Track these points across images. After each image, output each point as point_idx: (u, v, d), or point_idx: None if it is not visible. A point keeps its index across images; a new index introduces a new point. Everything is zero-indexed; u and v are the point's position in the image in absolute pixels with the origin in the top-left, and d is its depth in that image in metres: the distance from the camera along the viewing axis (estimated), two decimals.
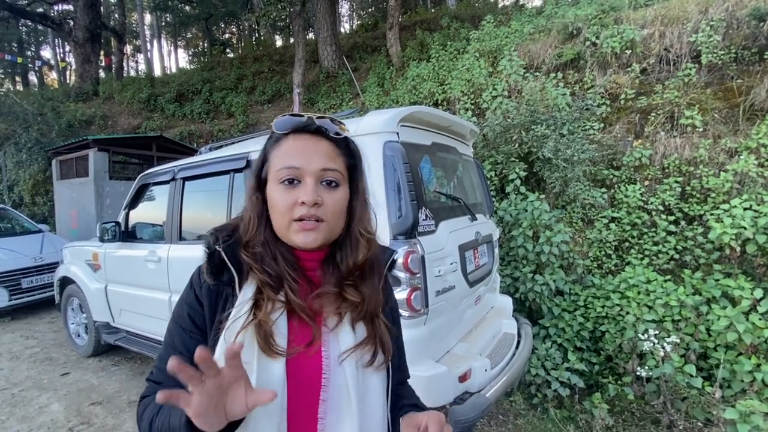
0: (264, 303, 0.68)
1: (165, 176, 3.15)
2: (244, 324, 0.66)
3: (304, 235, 0.69)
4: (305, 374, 0.69)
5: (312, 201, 0.67)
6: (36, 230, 6.14)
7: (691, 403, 2.45)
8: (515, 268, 3.42)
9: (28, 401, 3.17)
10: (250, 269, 0.71)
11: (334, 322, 0.72)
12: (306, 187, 0.68)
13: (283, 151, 0.71)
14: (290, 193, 0.69)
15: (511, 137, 4.26)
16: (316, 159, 0.70)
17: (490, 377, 2.14)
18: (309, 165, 0.69)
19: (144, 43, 23.14)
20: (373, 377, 0.73)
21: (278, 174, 0.70)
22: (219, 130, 10.24)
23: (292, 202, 0.68)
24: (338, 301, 0.73)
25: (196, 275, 0.74)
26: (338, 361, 0.70)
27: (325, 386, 0.69)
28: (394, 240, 1.89)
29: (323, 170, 0.70)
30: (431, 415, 0.68)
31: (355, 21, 23.93)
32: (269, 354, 0.66)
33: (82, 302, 3.88)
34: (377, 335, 0.74)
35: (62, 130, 10.22)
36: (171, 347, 0.72)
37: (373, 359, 0.72)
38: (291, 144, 0.72)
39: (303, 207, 0.68)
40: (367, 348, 0.72)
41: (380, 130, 1.98)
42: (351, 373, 0.69)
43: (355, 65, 10.43)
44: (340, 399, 0.69)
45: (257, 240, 0.72)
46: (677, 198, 3.87)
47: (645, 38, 5.01)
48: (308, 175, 0.69)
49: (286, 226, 0.70)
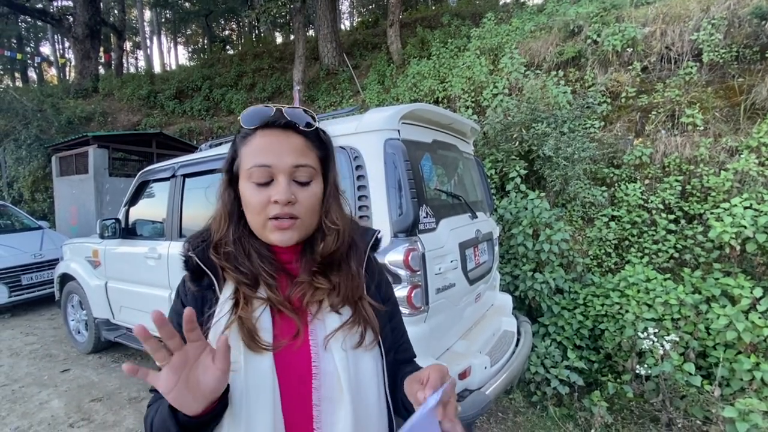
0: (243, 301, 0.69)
1: (165, 173, 3.15)
2: (227, 323, 0.67)
3: (280, 234, 0.69)
4: (295, 365, 0.69)
5: (285, 200, 0.66)
6: (36, 227, 6.13)
7: (690, 401, 2.45)
8: (515, 266, 3.42)
9: (29, 397, 3.18)
10: (222, 270, 0.71)
11: (315, 310, 0.73)
12: (279, 186, 0.67)
13: (252, 148, 0.69)
14: (263, 191, 0.68)
15: (511, 135, 4.26)
16: (287, 156, 0.68)
17: (489, 375, 2.15)
18: (280, 162, 0.68)
19: (144, 40, 23.06)
20: (365, 358, 0.72)
21: (249, 172, 0.68)
22: (219, 127, 10.23)
23: (266, 201, 0.67)
24: (313, 289, 0.73)
25: (181, 285, 0.75)
26: (324, 347, 0.70)
27: (315, 374, 0.69)
28: (395, 237, 1.89)
29: (295, 167, 0.69)
30: (433, 366, 0.67)
31: (355, 18, 23.86)
32: (255, 350, 0.66)
33: (82, 299, 3.88)
34: (361, 315, 0.74)
35: (62, 126, 10.20)
36: None
37: (361, 340, 0.72)
38: (260, 140, 0.69)
39: (277, 206, 0.67)
40: (353, 330, 0.72)
41: (381, 128, 1.98)
42: (339, 358, 0.69)
43: (356, 62, 10.40)
44: (332, 385, 0.69)
45: (228, 239, 0.72)
46: (677, 197, 3.87)
47: (646, 36, 5.00)
48: (280, 172, 0.68)
49: (261, 224, 0.69)
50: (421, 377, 0.64)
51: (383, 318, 0.79)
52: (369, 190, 1.96)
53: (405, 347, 0.88)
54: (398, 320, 0.87)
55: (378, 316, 0.76)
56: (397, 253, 1.86)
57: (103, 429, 2.75)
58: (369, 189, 1.96)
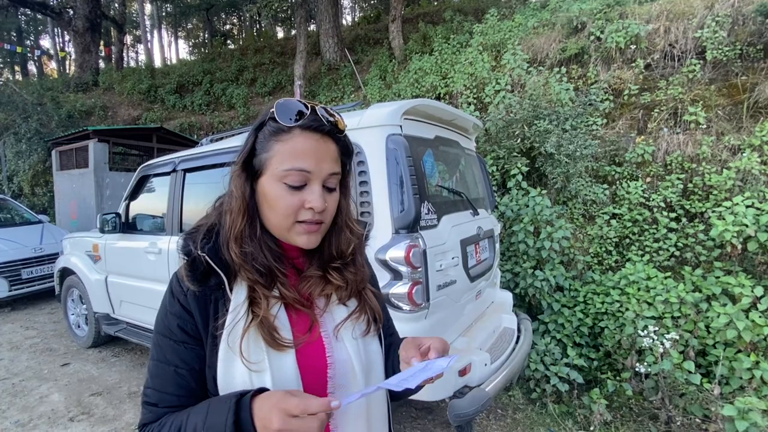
0: (261, 300, 0.67)
1: (166, 168, 3.13)
2: (245, 326, 0.65)
3: (307, 237, 0.69)
4: (313, 358, 0.70)
5: (321, 208, 0.66)
6: (36, 221, 6.13)
7: (690, 399, 2.45)
8: (516, 264, 3.42)
9: (29, 391, 3.18)
10: (238, 269, 0.68)
11: (324, 303, 0.75)
12: (314, 194, 0.66)
13: (290, 149, 0.65)
14: (295, 195, 0.66)
15: (513, 132, 4.24)
16: (326, 162, 0.67)
17: (489, 372, 2.15)
18: (319, 169, 0.66)
19: (144, 34, 22.97)
20: (373, 344, 0.77)
21: (284, 174, 0.65)
22: (219, 121, 10.20)
23: (298, 205, 0.66)
24: (322, 283, 0.75)
25: (176, 285, 0.70)
26: (336, 337, 0.72)
27: (330, 363, 0.71)
28: (396, 234, 1.88)
29: (330, 175, 0.68)
30: (434, 338, 0.70)
31: (357, 13, 23.73)
32: (278, 349, 0.66)
33: (83, 293, 3.88)
34: (367, 304, 0.77)
35: (62, 120, 10.18)
36: (164, 363, 0.68)
37: (368, 328, 0.76)
38: (301, 142, 0.66)
39: (310, 211, 0.66)
40: (361, 318, 0.75)
41: (383, 123, 1.97)
42: (352, 346, 0.72)
43: (357, 58, 10.36)
44: (346, 372, 0.71)
45: (246, 235, 0.69)
46: (679, 195, 3.86)
47: (650, 33, 4.97)
48: (317, 179, 0.67)
49: (287, 227, 0.68)
50: (421, 343, 0.70)
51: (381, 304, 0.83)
52: (371, 186, 1.95)
53: (391, 330, 0.92)
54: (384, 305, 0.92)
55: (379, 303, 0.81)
56: (399, 250, 1.85)
57: (102, 423, 2.76)
58: (371, 185, 1.95)
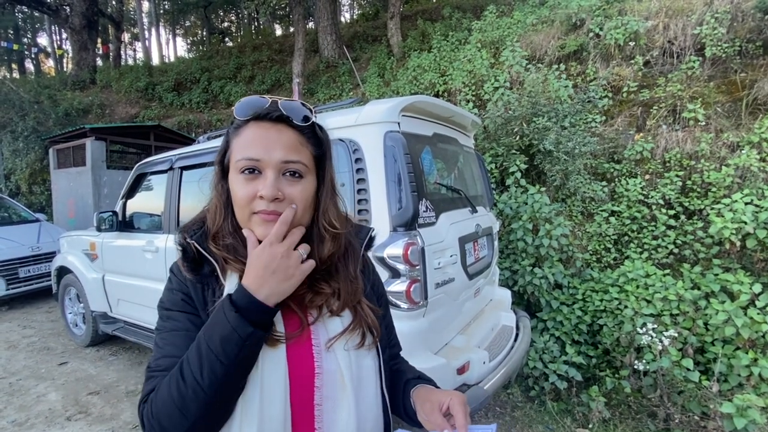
0: None
1: (163, 165, 3.12)
2: None
3: (264, 227, 0.66)
4: (300, 362, 0.68)
5: (271, 196, 0.64)
6: (33, 219, 6.10)
7: (688, 396, 2.45)
8: (514, 261, 3.41)
9: (26, 390, 3.17)
10: (225, 261, 0.69)
11: (316, 314, 0.72)
12: (265, 181, 0.65)
13: (242, 140, 0.67)
14: (250, 184, 0.65)
15: (512, 129, 4.23)
16: (277, 150, 0.65)
17: (488, 369, 2.14)
18: (269, 157, 0.65)
19: (142, 31, 22.86)
20: (366, 358, 0.73)
21: (237, 164, 0.66)
22: (217, 119, 10.17)
23: (252, 195, 0.65)
24: (312, 293, 0.72)
25: (177, 270, 0.73)
26: (327, 348, 0.70)
27: (318, 374, 0.68)
28: (394, 231, 1.87)
29: (285, 162, 0.66)
30: (454, 396, 0.68)
31: (355, 10, 23.64)
32: (270, 343, 0.65)
33: (80, 292, 3.86)
34: (363, 319, 0.74)
35: (59, 118, 10.13)
36: (174, 330, 0.68)
37: (362, 341, 0.73)
38: (251, 133, 0.67)
39: (262, 201, 0.65)
40: (355, 332, 0.72)
41: (381, 120, 1.95)
42: (342, 357, 0.69)
43: (356, 55, 10.33)
44: (335, 384, 0.69)
45: (225, 230, 0.71)
46: (678, 192, 3.85)
47: (649, 30, 4.96)
48: (269, 167, 0.65)
49: (246, 218, 0.67)
50: (440, 402, 0.70)
51: (380, 318, 0.79)
52: (368, 183, 1.94)
53: (394, 342, 0.90)
54: (389, 317, 0.89)
55: (376, 317, 0.77)
56: (396, 247, 1.84)
57: (100, 422, 2.75)
58: (368, 182, 1.94)
